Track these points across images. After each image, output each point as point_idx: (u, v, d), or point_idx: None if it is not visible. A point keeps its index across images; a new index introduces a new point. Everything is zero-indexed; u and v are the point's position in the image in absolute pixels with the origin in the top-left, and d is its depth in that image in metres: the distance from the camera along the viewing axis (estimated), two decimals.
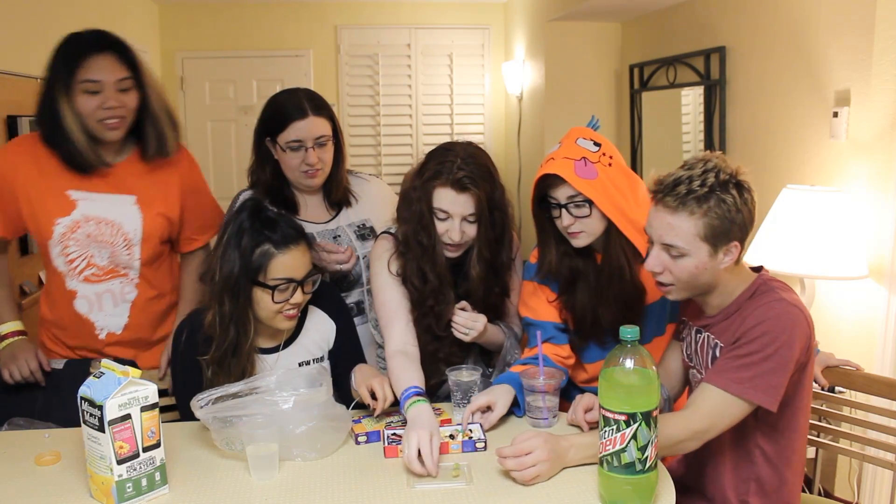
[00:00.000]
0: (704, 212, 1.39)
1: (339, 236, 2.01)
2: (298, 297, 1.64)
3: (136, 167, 1.89)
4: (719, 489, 1.53)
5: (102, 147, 1.84)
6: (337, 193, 2.03)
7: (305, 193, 2.01)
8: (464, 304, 1.74)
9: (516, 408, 1.66)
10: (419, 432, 1.44)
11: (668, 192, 1.42)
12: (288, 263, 1.61)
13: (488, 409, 1.60)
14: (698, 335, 1.56)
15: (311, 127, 1.89)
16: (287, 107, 1.91)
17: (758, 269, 1.54)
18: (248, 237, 1.61)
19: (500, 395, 1.61)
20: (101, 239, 1.85)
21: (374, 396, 1.61)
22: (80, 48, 1.77)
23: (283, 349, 1.74)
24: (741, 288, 1.49)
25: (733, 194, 1.39)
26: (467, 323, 1.71)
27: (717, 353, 1.48)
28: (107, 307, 1.90)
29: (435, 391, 1.85)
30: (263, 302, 1.62)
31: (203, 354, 1.65)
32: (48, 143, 1.81)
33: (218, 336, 1.63)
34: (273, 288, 1.60)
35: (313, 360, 1.76)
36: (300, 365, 1.74)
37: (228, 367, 1.64)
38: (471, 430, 1.55)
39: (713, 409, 1.40)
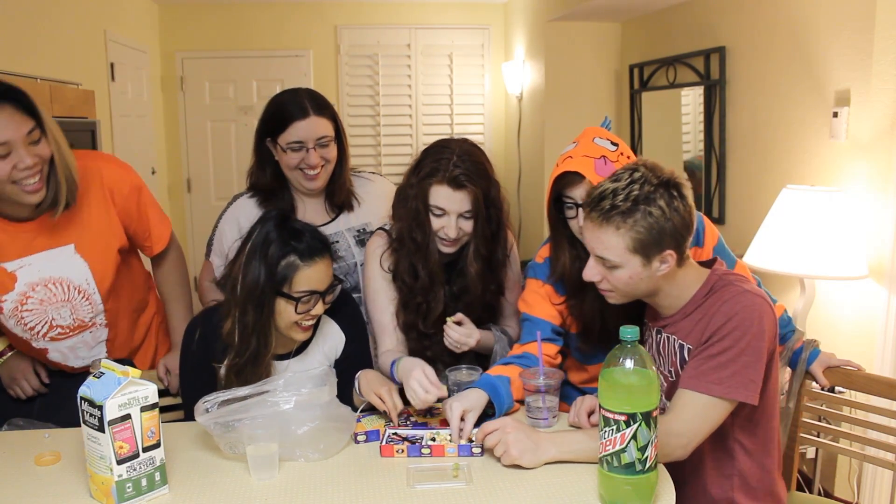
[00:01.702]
0: (630, 226, 1.37)
1: (338, 241, 1.98)
2: (319, 308, 1.64)
3: (61, 215, 1.66)
4: (701, 488, 1.51)
5: (8, 207, 1.64)
6: (340, 195, 2.00)
7: (305, 195, 1.99)
8: (459, 316, 1.72)
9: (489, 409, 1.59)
10: (414, 374, 1.54)
11: (593, 207, 1.40)
12: (312, 276, 1.60)
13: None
14: (658, 336, 1.55)
15: (312, 127, 1.87)
16: (288, 107, 1.89)
17: (710, 264, 1.52)
18: (275, 247, 1.59)
19: (474, 402, 1.55)
20: (56, 301, 1.73)
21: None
22: None
23: (293, 357, 1.74)
24: (694, 287, 1.47)
25: (661, 205, 1.36)
26: (461, 339, 1.70)
27: (686, 355, 1.46)
28: (82, 353, 1.83)
29: None
30: (285, 312, 1.61)
31: (219, 361, 1.65)
32: None
33: (238, 345, 1.62)
34: (297, 300, 1.59)
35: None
36: None
37: (246, 377, 1.62)
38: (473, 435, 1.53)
39: (696, 415, 1.38)
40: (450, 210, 1.69)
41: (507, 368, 1.65)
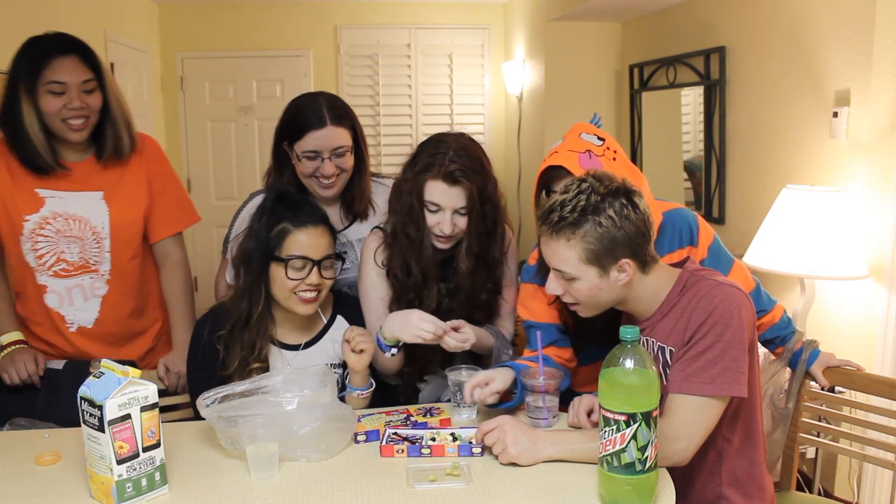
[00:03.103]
0: (581, 237, 1.36)
1: (346, 252, 1.94)
2: (314, 277, 1.65)
3: (101, 164, 1.93)
4: (690, 486, 1.50)
5: (64, 147, 1.88)
6: (359, 204, 1.97)
7: (321, 202, 1.93)
8: (457, 323, 1.70)
9: (506, 403, 1.61)
10: (412, 318, 1.62)
11: (543, 220, 1.40)
12: (303, 241, 1.65)
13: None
14: None
15: (328, 137, 1.83)
16: (306, 114, 1.84)
17: (681, 264, 1.51)
18: (269, 216, 1.68)
19: (500, 373, 1.58)
20: (71, 234, 1.89)
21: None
22: (44, 50, 1.80)
23: (303, 349, 1.74)
24: (666, 288, 1.45)
25: (610, 214, 1.35)
26: (457, 347, 1.68)
27: (668, 357, 1.44)
28: (77, 302, 1.94)
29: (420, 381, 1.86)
30: (280, 279, 1.65)
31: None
32: (9, 145, 1.85)
33: (233, 311, 1.69)
34: (286, 261, 1.63)
35: (331, 366, 1.75)
36: None
37: (242, 338, 1.68)
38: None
39: (692, 418, 1.36)
40: (444, 206, 1.68)
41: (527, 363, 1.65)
